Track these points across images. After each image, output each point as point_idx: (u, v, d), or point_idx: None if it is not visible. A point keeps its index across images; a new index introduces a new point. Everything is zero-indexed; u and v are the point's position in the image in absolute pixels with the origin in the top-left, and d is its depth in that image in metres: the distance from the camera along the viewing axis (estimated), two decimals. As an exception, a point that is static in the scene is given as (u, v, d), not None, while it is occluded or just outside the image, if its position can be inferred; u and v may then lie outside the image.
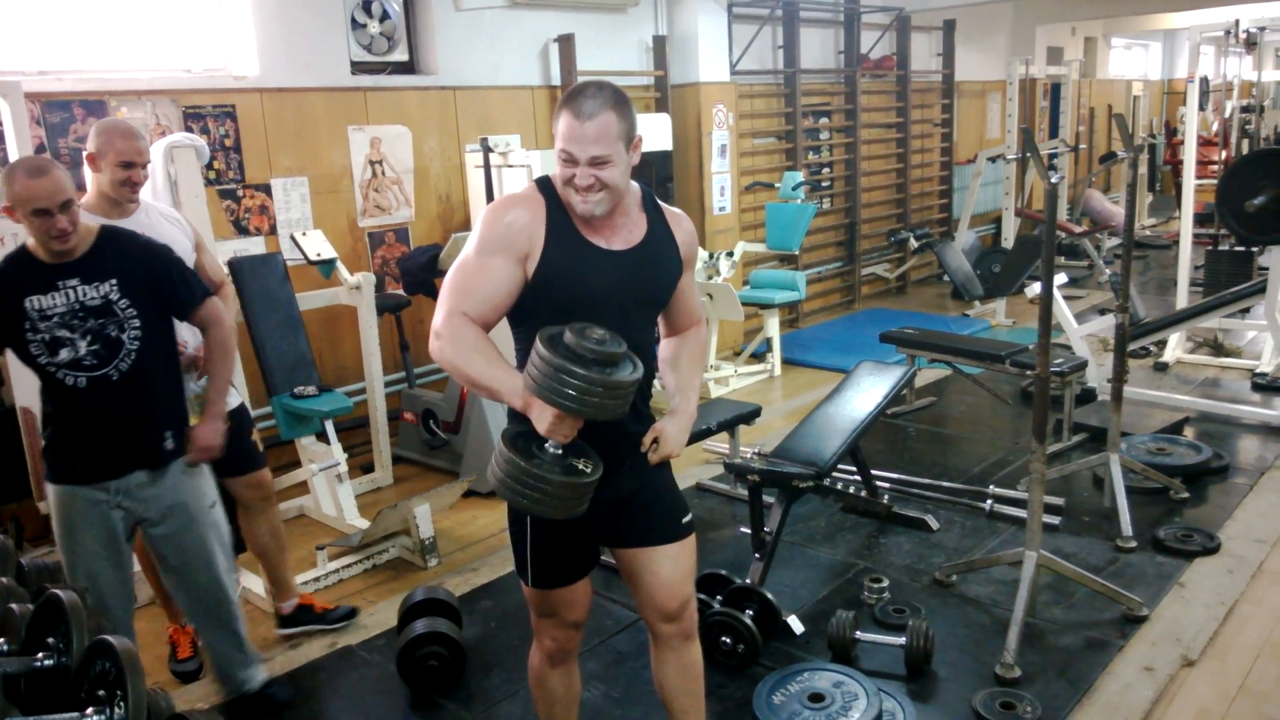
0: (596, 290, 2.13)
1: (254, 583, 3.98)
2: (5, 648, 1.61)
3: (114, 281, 2.65)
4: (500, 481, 1.99)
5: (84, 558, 2.76)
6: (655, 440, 2.27)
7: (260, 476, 3.54)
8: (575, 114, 2.03)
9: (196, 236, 3.35)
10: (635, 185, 2.23)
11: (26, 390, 3.57)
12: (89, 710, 1.44)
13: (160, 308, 2.76)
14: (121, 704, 1.41)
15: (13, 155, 3.80)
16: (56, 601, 1.57)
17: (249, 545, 3.66)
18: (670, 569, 2.33)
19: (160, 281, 2.75)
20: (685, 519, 2.36)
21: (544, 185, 2.18)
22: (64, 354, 2.60)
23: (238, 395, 3.46)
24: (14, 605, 1.66)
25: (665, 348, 2.43)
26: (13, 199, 2.54)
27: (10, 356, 2.76)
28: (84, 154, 3.10)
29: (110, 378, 2.66)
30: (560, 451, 2.00)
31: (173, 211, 3.36)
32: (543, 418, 1.97)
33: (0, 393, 4.07)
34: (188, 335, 3.06)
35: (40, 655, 1.57)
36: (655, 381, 2.35)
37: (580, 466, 2.00)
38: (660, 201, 2.31)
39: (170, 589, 2.98)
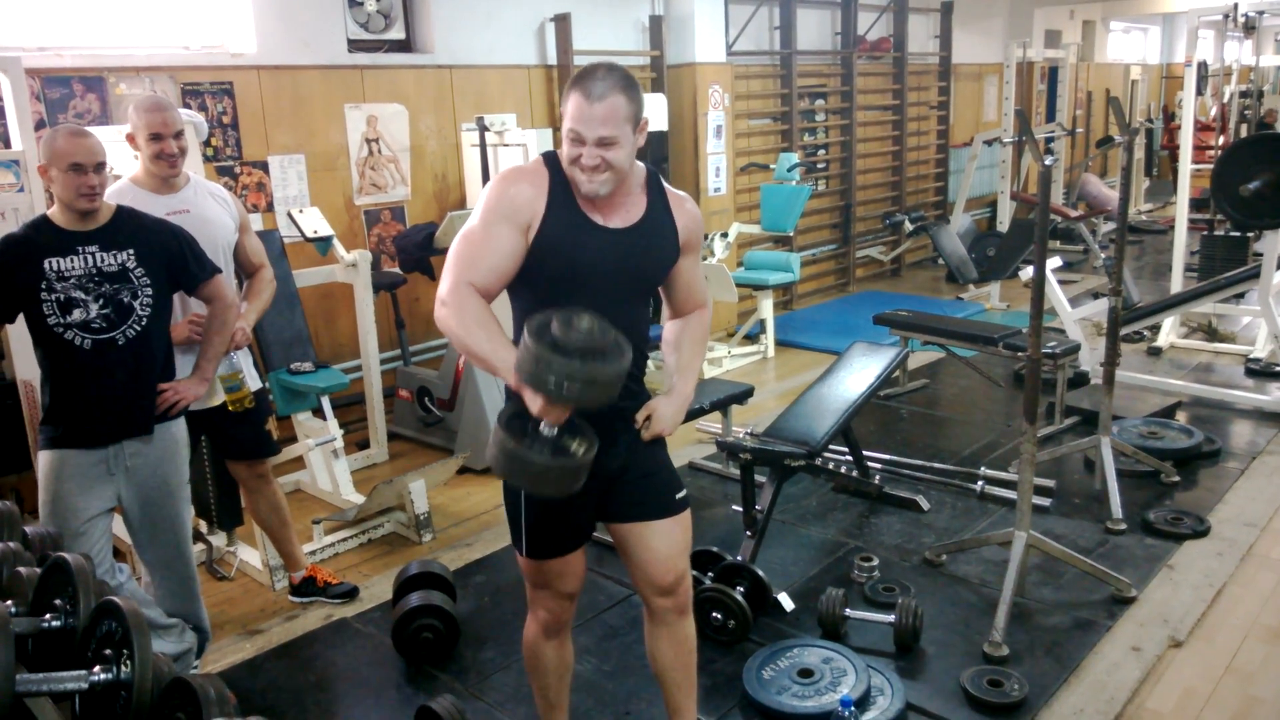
0: (590, 265, 2.17)
1: (251, 555, 4.02)
2: (14, 609, 1.64)
3: (131, 251, 2.79)
4: (495, 460, 2.03)
5: (73, 522, 2.80)
6: (648, 417, 2.30)
7: (263, 465, 3.59)
8: (585, 95, 2.06)
9: (242, 218, 3.42)
10: (640, 165, 2.27)
11: (27, 363, 3.59)
12: (96, 668, 1.47)
13: (171, 282, 2.90)
14: (128, 663, 1.44)
15: (13, 129, 3.81)
16: (63, 564, 1.60)
17: (254, 521, 3.69)
18: (664, 543, 2.36)
19: (173, 256, 2.88)
20: (679, 494, 2.39)
21: (550, 159, 2.22)
22: (75, 314, 2.71)
23: (258, 379, 3.50)
24: (21, 569, 1.69)
25: (669, 329, 2.47)
26: (52, 155, 2.68)
27: (10, 329, 2.84)
28: (127, 138, 3.18)
29: (116, 341, 2.77)
30: (554, 432, 2.01)
31: (221, 191, 3.41)
32: (533, 402, 1.99)
33: (1, 366, 4.09)
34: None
35: (48, 616, 1.60)
36: (649, 362, 2.38)
37: (572, 448, 2.02)
38: (666, 185, 2.34)
39: (137, 550, 3.05)
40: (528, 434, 2.02)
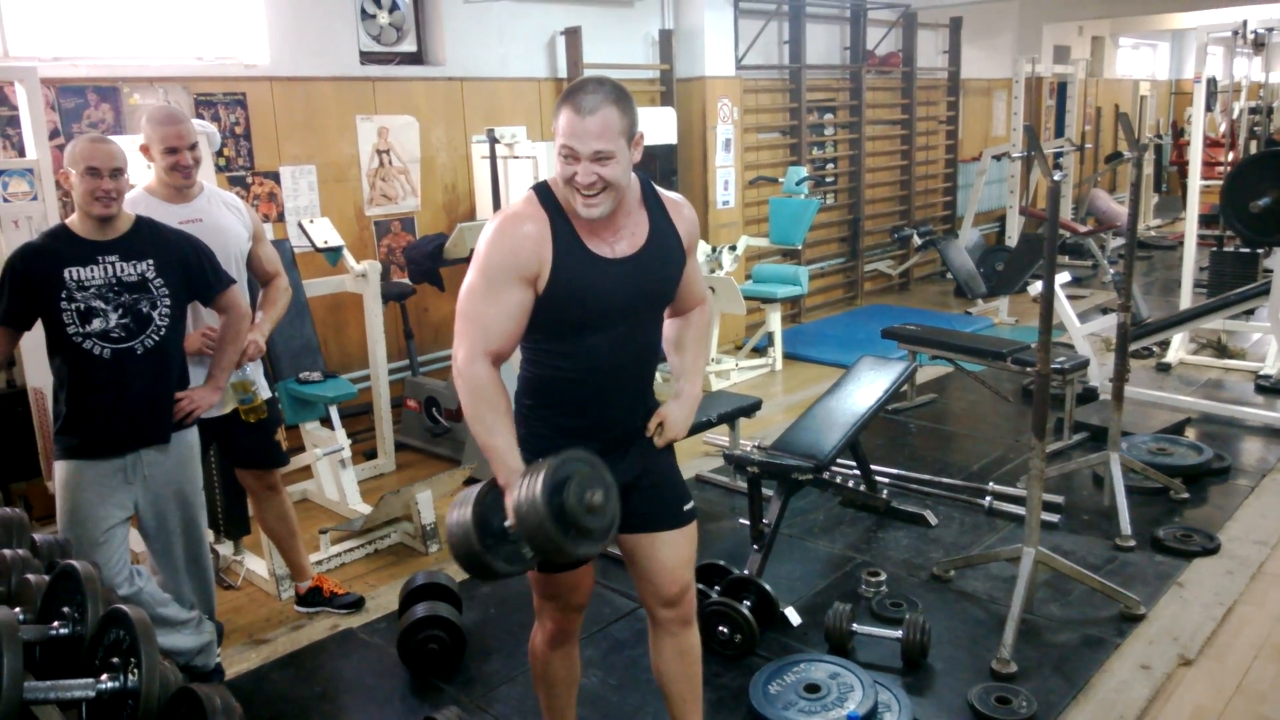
0: (606, 302, 2.14)
1: (257, 565, 4.02)
2: (22, 617, 1.64)
3: (150, 261, 2.82)
4: (452, 540, 2.05)
5: (93, 532, 2.81)
6: (660, 424, 2.30)
7: (272, 474, 3.59)
8: (576, 109, 2.00)
9: (255, 227, 3.43)
10: (634, 177, 2.21)
11: (38, 371, 3.61)
12: (103, 677, 1.47)
13: (188, 292, 2.93)
14: (135, 671, 1.44)
15: (28, 139, 3.85)
16: (72, 572, 1.60)
17: (262, 529, 3.71)
18: (671, 554, 2.35)
19: (192, 267, 2.92)
20: (687, 506, 2.39)
21: (543, 194, 2.15)
22: (95, 324, 2.74)
23: (267, 388, 3.52)
24: (30, 576, 1.70)
25: (669, 328, 2.43)
26: (72, 159, 2.73)
27: (24, 336, 2.86)
28: (140, 149, 3.19)
29: (135, 351, 2.79)
30: (518, 536, 2.04)
31: (235, 200, 3.43)
32: (510, 512, 2.01)
33: (12, 373, 4.11)
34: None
35: (56, 624, 1.60)
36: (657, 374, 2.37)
37: (525, 554, 2.04)
38: (659, 189, 2.30)
39: (154, 556, 3.06)
40: (494, 530, 2.05)
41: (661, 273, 2.24)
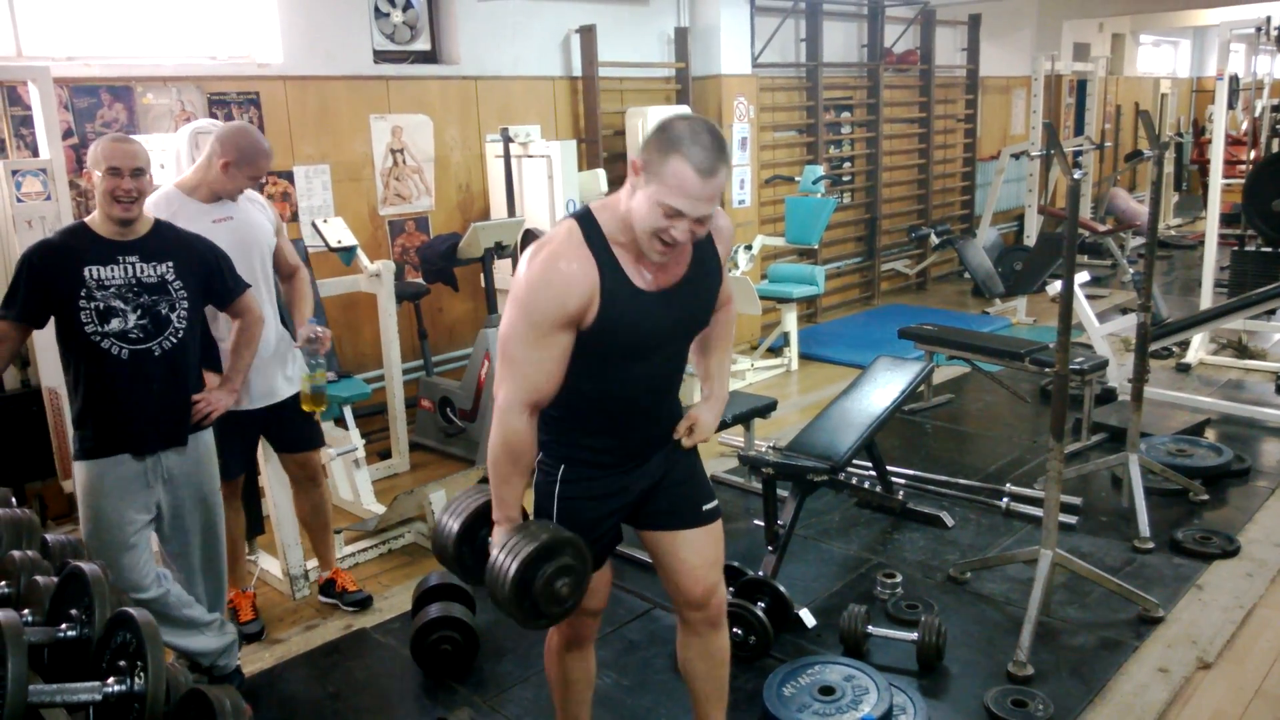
0: (651, 333, 2.12)
1: (271, 565, 4.02)
2: (30, 619, 1.64)
3: (170, 264, 2.83)
4: (436, 538, 2.28)
5: (120, 536, 2.82)
6: (690, 427, 2.32)
7: (311, 456, 3.65)
8: (697, 170, 1.88)
9: (277, 222, 3.51)
10: None
11: (53, 371, 3.63)
12: (110, 680, 1.47)
13: (205, 295, 2.95)
14: (141, 674, 1.44)
15: (41, 139, 3.86)
16: (79, 574, 1.60)
17: (297, 516, 3.77)
18: (693, 555, 2.34)
19: (211, 270, 2.94)
20: (708, 505, 2.37)
21: (586, 225, 2.05)
22: (114, 323, 2.74)
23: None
24: (39, 578, 1.70)
25: None
26: (94, 158, 2.73)
27: (37, 337, 2.87)
28: (220, 162, 3.20)
29: (152, 353, 2.80)
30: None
31: (259, 197, 3.51)
32: (496, 528, 2.16)
33: (26, 373, 4.12)
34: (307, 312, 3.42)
35: (63, 626, 1.60)
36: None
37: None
38: None
39: (170, 557, 3.06)
40: (477, 540, 2.25)
41: (703, 299, 2.23)
